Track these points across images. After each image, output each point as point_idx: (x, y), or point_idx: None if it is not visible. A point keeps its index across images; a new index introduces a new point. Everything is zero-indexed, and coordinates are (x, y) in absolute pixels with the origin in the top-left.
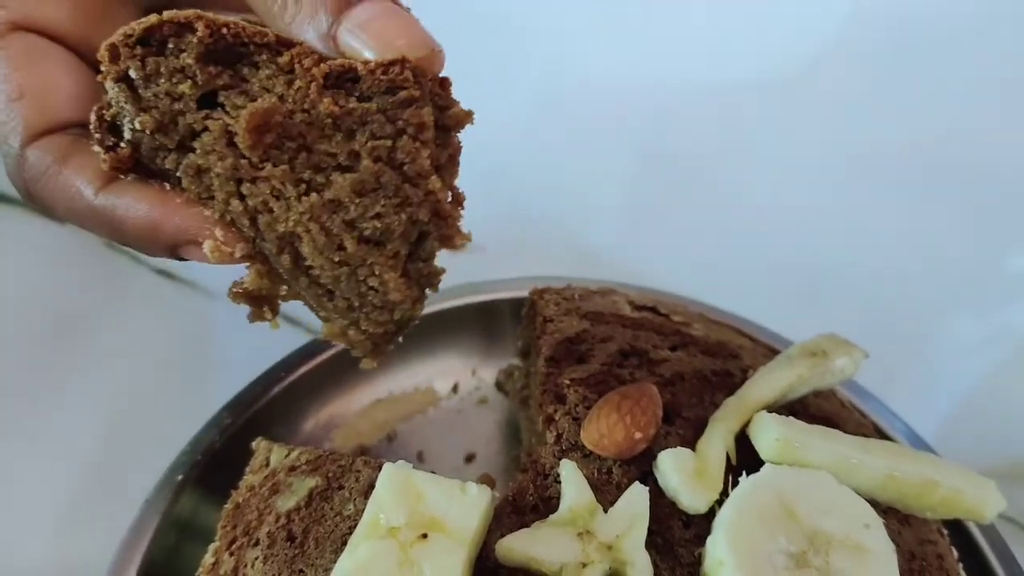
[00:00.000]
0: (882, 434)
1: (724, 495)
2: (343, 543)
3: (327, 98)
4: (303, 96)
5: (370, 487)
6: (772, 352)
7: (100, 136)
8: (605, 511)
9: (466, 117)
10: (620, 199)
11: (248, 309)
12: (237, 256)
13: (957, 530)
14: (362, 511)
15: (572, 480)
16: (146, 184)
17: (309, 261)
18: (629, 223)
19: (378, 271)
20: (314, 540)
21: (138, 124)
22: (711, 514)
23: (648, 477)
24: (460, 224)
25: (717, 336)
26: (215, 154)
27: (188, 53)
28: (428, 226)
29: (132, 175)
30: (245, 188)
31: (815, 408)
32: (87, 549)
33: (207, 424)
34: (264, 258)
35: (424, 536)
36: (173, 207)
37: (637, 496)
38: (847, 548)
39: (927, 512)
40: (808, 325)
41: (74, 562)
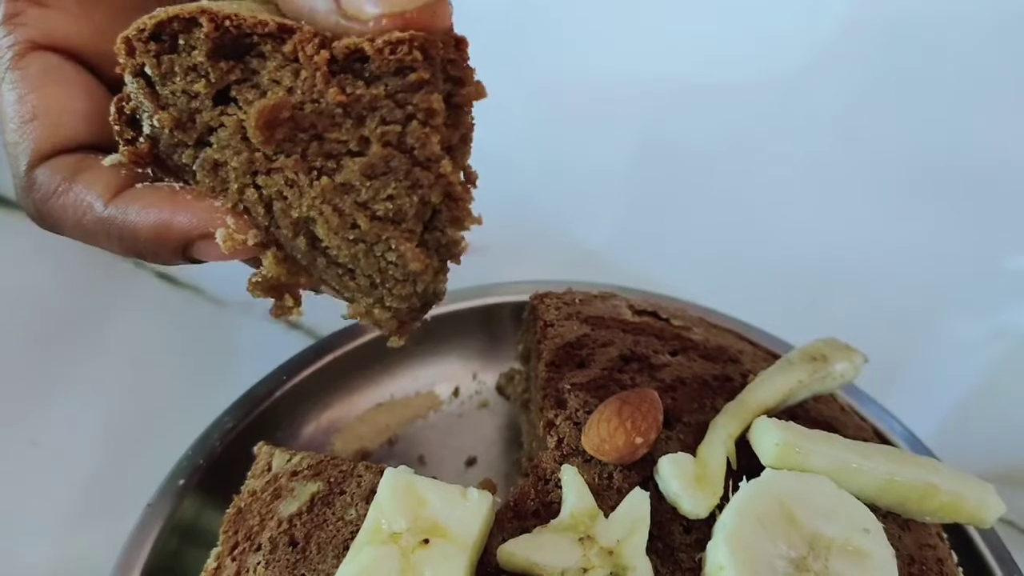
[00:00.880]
0: (882, 438)
1: (725, 500)
2: (345, 548)
3: (334, 87)
4: (310, 86)
5: (372, 492)
6: (772, 356)
7: (120, 129)
8: (606, 516)
9: (480, 93)
10: (621, 200)
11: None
12: (250, 243)
13: (957, 534)
14: (364, 516)
15: (573, 485)
16: (155, 189)
17: (325, 243)
18: (630, 224)
19: (394, 244)
20: (316, 545)
21: (156, 122)
22: (712, 519)
23: (649, 482)
24: (471, 206)
25: (717, 340)
26: (231, 149)
27: (199, 50)
28: (440, 207)
29: (150, 168)
30: (260, 179)
31: (815, 412)
32: (89, 554)
33: (209, 428)
34: (279, 244)
35: (426, 542)
36: (183, 203)
37: (638, 501)
38: (847, 553)
39: (927, 516)
40: (808, 326)
41: (76, 567)
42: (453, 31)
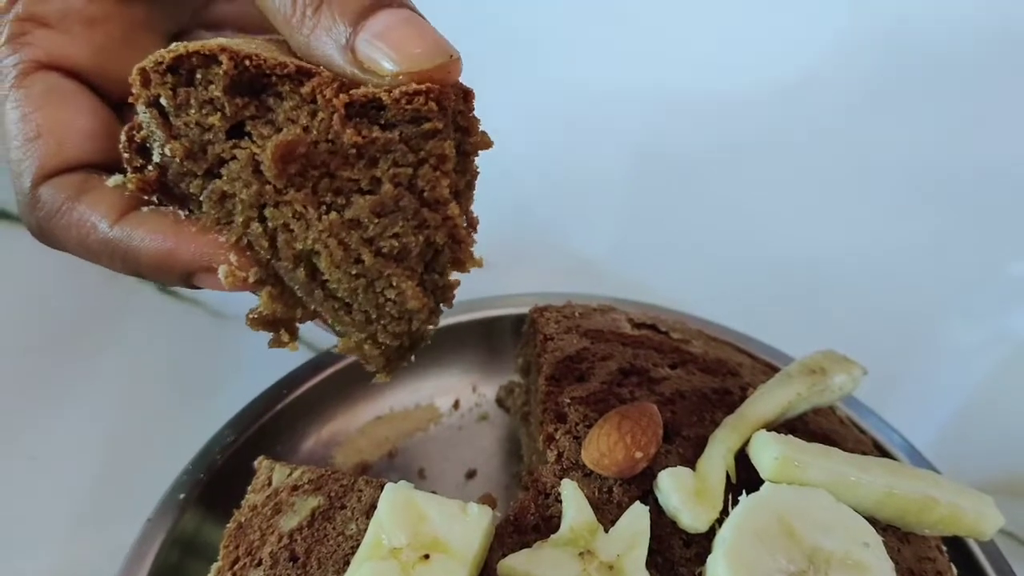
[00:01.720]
0: (881, 450)
1: (724, 514)
2: (345, 563)
3: (350, 128)
4: (326, 127)
5: (372, 507)
6: (771, 369)
7: (129, 156)
8: (606, 530)
9: (486, 144)
10: (620, 210)
11: (268, 336)
12: (251, 281)
13: (956, 547)
14: (364, 531)
15: (573, 499)
16: (159, 214)
17: (326, 276)
18: (629, 234)
19: (395, 282)
20: (316, 560)
21: (168, 151)
22: (711, 533)
23: (649, 496)
24: (472, 249)
25: (716, 353)
26: (241, 181)
27: (216, 85)
28: (443, 248)
29: (156, 196)
30: (268, 212)
31: (814, 425)
32: (89, 568)
33: (209, 442)
34: (277, 280)
35: (426, 557)
36: (188, 235)
37: (638, 515)
38: (847, 566)
39: (926, 529)
40: (807, 334)
41: None
42: (461, 84)
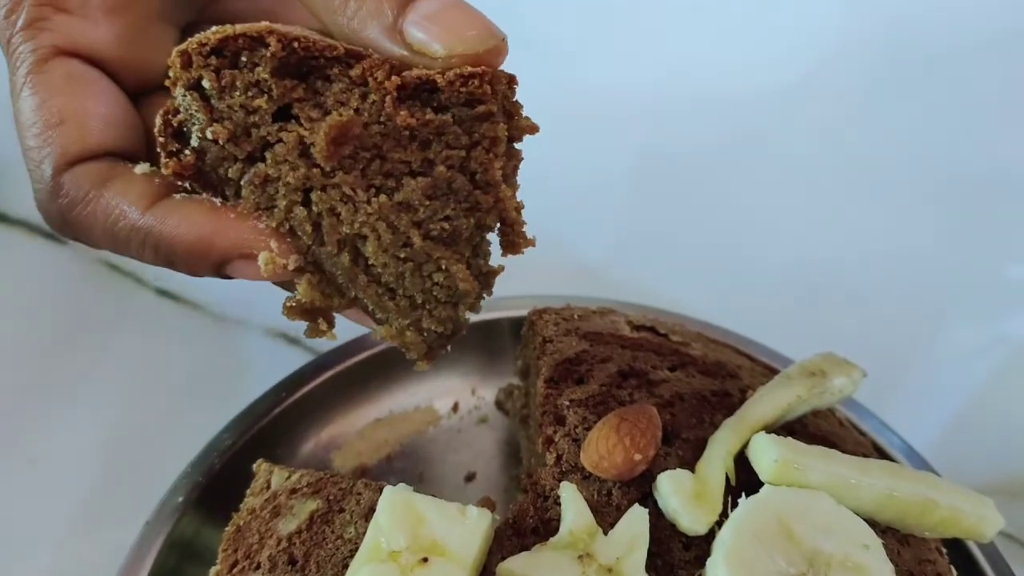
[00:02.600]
0: (881, 452)
1: (724, 516)
2: (344, 567)
3: (404, 110)
4: (378, 109)
5: (371, 510)
6: (771, 371)
7: (164, 140)
8: (605, 533)
9: (532, 128)
10: (619, 212)
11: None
12: (291, 268)
13: (956, 549)
14: (363, 534)
15: (572, 502)
16: (194, 201)
17: (372, 260)
18: (628, 237)
19: (444, 265)
20: (315, 564)
21: (210, 134)
22: (711, 536)
23: (648, 499)
24: (524, 230)
25: (716, 355)
26: (288, 164)
27: (263, 67)
28: (493, 231)
29: (189, 182)
30: (315, 195)
31: (814, 428)
32: (87, 572)
33: (208, 446)
34: (316, 267)
35: (425, 560)
36: (227, 221)
37: (637, 518)
38: (846, 569)
39: (926, 532)
40: (807, 336)
41: None
42: (503, 70)
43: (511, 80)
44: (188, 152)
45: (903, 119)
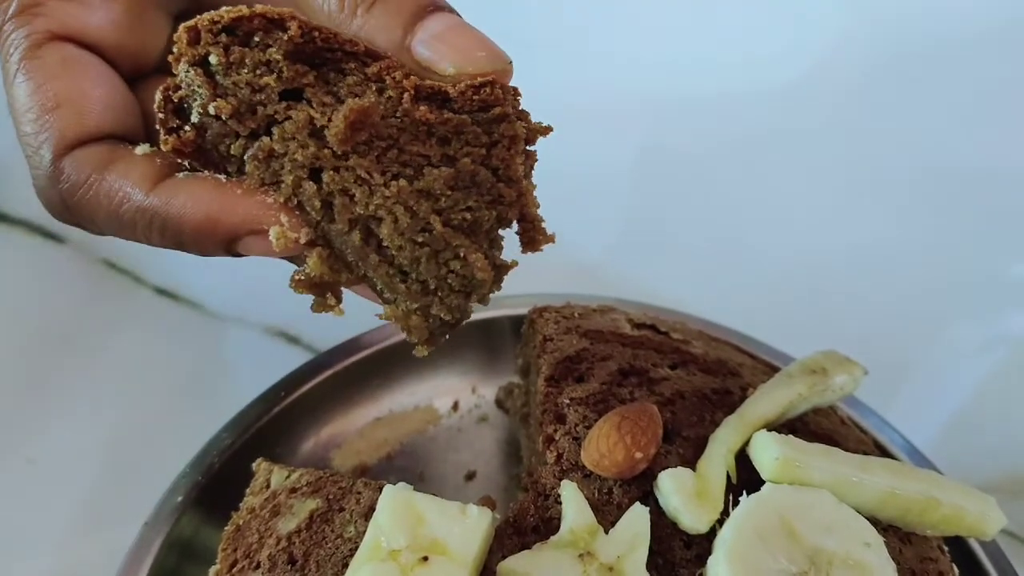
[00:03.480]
0: (882, 450)
1: (725, 515)
2: (344, 566)
3: (423, 106)
4: (395, 105)
5: (371, 509)
6: (772, 369)
7: (164, 116)
8: (606, 532)
9: (544, 130)
10: (620, 211)
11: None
12: (302, 242)
13: (958, 546)
14: (363, 533)
15: (573, 501)
16: (199, 179)
17: (387, 242)
18: (629, 235)
19: (463, 253)
20: (315, 563)
21: (212, 109)
22: (712, 534)
23: (649, 497)
24: (544, 226)
25: (716, 354)
26: (296, 142)
27: (276, 48)
28: (511, 226)
29: (189, 160)
30: (326, 175)
31: (815, 425)
32: (86, 572)
33: (207, 445)
34: (326, 242)
35: (425, 559)
36: (235, 197)
37: (638, 517)
38: (848, 567)
39: (928, 529)
40: (808, 334)
41: None
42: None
43: (515, 92)
44: (188, 128)
45: (904, 118)
